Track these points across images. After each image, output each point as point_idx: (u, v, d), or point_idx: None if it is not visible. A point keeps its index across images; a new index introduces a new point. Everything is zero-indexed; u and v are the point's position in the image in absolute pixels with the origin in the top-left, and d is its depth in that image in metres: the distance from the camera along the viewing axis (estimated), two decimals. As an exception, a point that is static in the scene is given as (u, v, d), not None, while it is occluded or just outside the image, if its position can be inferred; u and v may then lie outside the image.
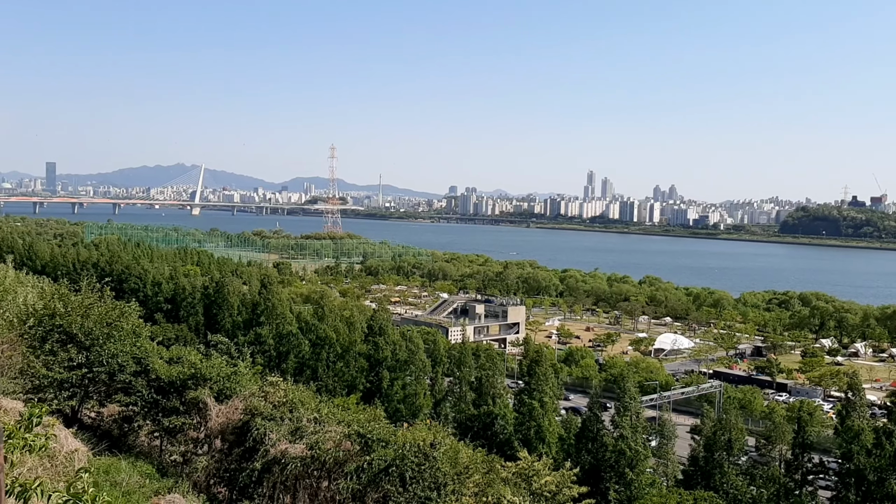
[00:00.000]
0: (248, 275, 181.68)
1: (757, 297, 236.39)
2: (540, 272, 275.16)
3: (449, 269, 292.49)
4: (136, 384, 28.83)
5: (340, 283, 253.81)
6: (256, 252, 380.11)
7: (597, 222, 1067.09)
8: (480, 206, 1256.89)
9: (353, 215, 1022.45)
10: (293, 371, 79.23)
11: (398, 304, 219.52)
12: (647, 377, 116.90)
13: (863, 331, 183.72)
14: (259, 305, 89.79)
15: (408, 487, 22.13)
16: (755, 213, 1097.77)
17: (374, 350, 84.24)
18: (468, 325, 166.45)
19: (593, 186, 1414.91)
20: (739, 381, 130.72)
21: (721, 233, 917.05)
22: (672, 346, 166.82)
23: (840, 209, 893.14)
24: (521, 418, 73.34)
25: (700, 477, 60.53)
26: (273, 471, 24.85)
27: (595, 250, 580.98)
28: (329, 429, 25.43)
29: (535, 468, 31.21)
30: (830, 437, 72.93)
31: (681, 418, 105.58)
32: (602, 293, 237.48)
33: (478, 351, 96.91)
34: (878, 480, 51.48)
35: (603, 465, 65.53)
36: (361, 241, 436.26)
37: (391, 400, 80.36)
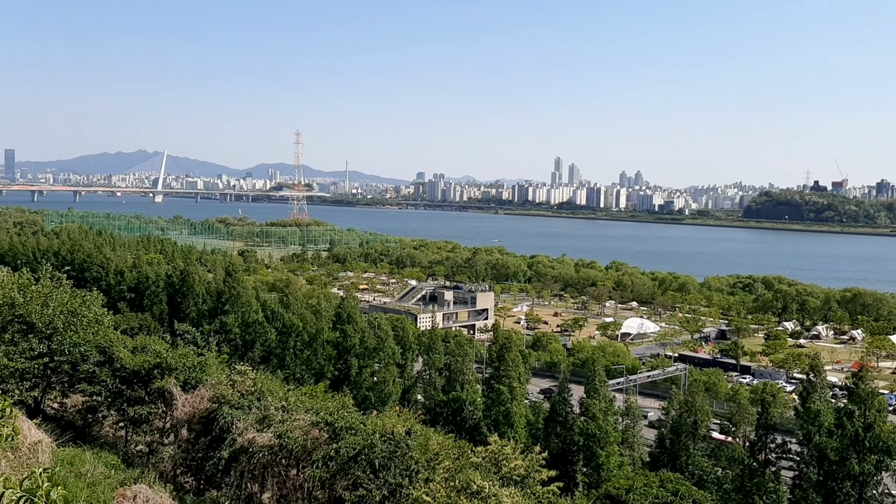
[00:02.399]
0: (212, 262, 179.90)
1: (721, 281, 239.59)
2: (508, 258, 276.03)
3: (417, 255, 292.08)
4: (100, 374, 28.37)
5: (307, 270, 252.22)
6: (221, 240, 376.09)
7: (564, 208, 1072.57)
8: (448, 192, 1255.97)
9: (320, 202, 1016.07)
10: (259, 360, 78.53)
11: (366, 291, 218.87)
12: (613, 361, 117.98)
13: (824, 313, 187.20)
14: (224, 294, 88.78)
15: (378, 474, 22.04)
16: (719, 198, 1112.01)
17: (342, 338, 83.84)
18: (437, 311, 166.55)
19: (561, 173, 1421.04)
20: (704, 364, 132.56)
21: (686, 218, 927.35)
22: (638, 331, 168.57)
23: (802, 194, 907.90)
24: (490, 403, 73.64)
25: (666, 458, 61.33)
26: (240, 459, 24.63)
27: (563, 236, 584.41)
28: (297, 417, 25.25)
29: (504, 453, 31.32)
30: (793, 419, 74.30)
31: (647, 401, 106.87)
32: (570, 279, 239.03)
33: (447, 337, 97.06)
34: (839, 460, 52.52)
35: (571, 449, 66.14)
36: (328, 228, 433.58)
37: (360, 388, 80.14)
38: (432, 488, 21.59)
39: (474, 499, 21.77)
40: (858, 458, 51.95)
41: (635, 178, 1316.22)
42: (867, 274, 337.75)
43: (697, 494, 48.05)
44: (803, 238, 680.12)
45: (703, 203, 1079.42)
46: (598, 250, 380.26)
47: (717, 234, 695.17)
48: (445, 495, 21.41)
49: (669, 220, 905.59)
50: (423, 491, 21.31)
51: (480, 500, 21.79)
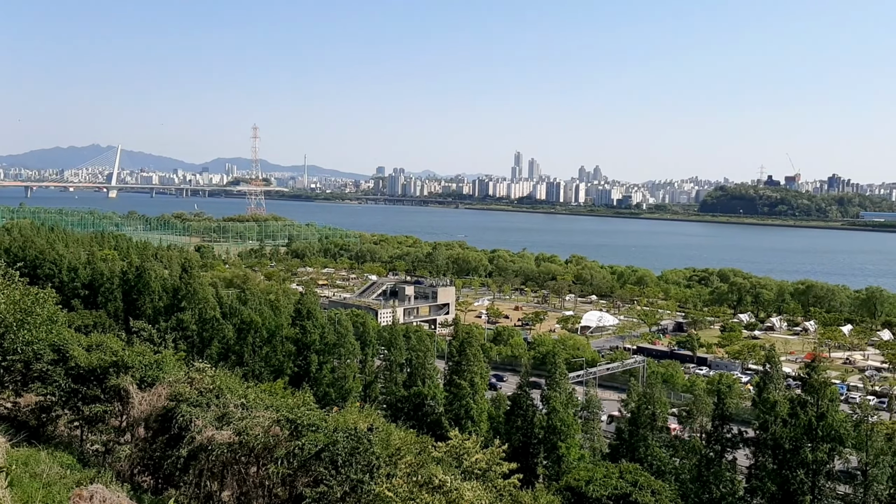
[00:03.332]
0: (168, 259, 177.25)
1: (678, 274, 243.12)
2: (469, 253, 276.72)
3: (378, 250, 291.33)
4: (54, 373, 27.81)
5: (265, 266, 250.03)
6: (177, 235, 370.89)
7: (524, 203, 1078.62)
8: (409, 187, 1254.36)
9: (278, 197, 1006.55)
10: (218, 357, 77.75)
11: (326, 286, 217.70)
12: (573, 354, 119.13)
13: (778, 305, 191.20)
14: (180, 290, 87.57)
15: (340, 471, 21.95)
16: (676, 192, 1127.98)
17: (301, 334, 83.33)
18: (398, 306, 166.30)
19: (520, 167, 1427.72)
20: (662, 356, 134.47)
21: (644, 212, 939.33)
22: (598, 324, 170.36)
23: (756, 188, 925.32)
24: (451, 398, 73.79)
25: (625, 450, 62.08)
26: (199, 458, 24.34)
27: (523, 230, 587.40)
28: (257, 414, 25.04)
29: (465, 447, 31.37)
30: (749, 409, 75.74)
31: (606, 393, 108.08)
32: (530, 273, 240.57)
33: (408, 332, 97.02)
34: (794, 449, 53.69)
35: (532, 442, 66.63)
36: (286, 223, 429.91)
37: (320, 384, 79.78)
38: (394, 484, 21.58)
39: (436, 493, 21.79)
40: (812, 446, 53.17)
41: (594, 173, 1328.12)
42: (819, 266, 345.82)
43: (656, 485, 48.75)
44: (757, 231, 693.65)
45: (660, 197, 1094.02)
46: (558, 244, 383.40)
47: (674, 228, 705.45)
48: (408, 490, 21.41)
49: (627, 215, 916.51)
50: (385, 486, 21.28)
51: (442, 495, 21.82)
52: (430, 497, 21.41)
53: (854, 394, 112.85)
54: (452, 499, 21.76)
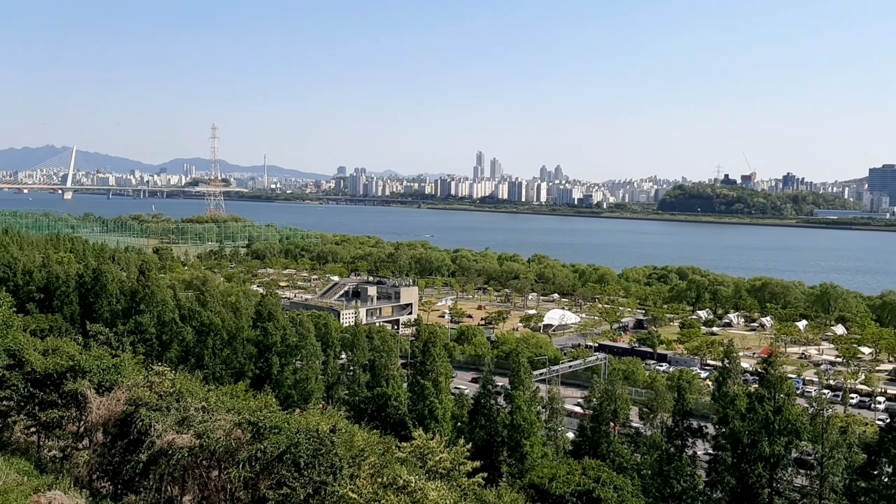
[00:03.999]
0: (126, 261, 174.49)
1: (638, 272, 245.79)
2: (432, 253, 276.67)
3: (339, 251, 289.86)
4: (10, 378, 27.26)
5: (225, 267, 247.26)
6: (135, 237, 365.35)
7: (487, 202, 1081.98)
8: (370, 186, 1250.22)
9: (237, 197, 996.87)
10: (177, 360, 76.77)
11: (287, 288, 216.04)
12: (536, 352, 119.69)
13: (735, 302, 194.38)
14: (138, 293, 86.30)
15: (303, 473, 21.82)
16: (636, 191, 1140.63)
17: (262, 336, 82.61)
18: (360, 307, 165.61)
19: (482, 167, 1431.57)
20: (623, 353, 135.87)
21: (604, 211, 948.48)
22: (560, 322, 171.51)
23: (713, 187, 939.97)
24: (415, 398, 73.70)
25: (588, 446, 62.59)
26: (160, 462, 24.03)
27: (485, 230, 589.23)
28: (218, 417, 24.79)
29: (429, 447, 31.42)
30: (708, 404, 76.91)
31: (569, 391, 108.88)
32: (493, 272, 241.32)
33: (370, 333, 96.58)
34: (752, 443, 54.63)
35: (496, 440, 66.84)
36: (246, 223, 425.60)
37: (282, 385, 79.18)
38: (359, 485, 21.52)
39: (401, 493, 21.77)
40: (769, 440, 54.16)
41: (555, 173, 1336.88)
42: (775, 263, 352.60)
43: (618, 480, 49.23)
44: (715, 229, 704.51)
45: (620, 196, 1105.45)
46: (520, 244, 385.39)
47: (634, 227, 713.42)
48: (372, 491, 21.36)
49: (588, 214, 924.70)
50: (349, 487, 21.20)
51: (407, 495, 21.81)
52: (394, 497, 21.39)
53: (810, 388, 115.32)
54: (417, 499, 21.77)
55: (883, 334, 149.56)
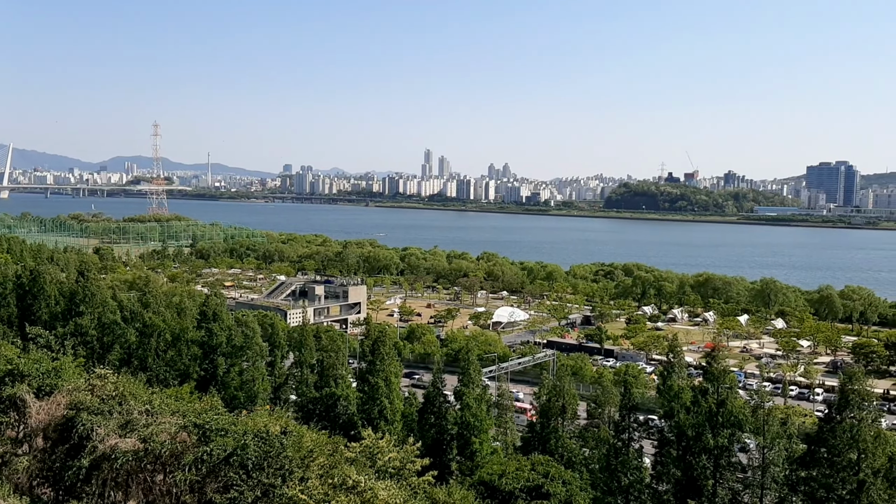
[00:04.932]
0: (65, 261, 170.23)
1: (585, 269, 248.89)
2: (380, 251, 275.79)
3: (286, 250, 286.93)
4: (-59, 384, 26.21)
5: (168, 267, 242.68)
6: (74, 237, 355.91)
7: (435, 200, 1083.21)
8: (317, 184, 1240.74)
9: (181, 196, 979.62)
10: (119, 362, 74.92)
11: (232, 288, 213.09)
12: (486, 350, 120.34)
13: (680, 297, 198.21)
14: (78, 294, 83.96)
15: (251, 475, 21.48)
16: (582, 189, 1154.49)
17: (207, 336, 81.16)
18: (308, 306, 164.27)
19: (431, 165, 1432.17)
20: (571, 350, 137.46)
21: (552, 209, 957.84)
22: (509, 319, 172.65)
23: (658, 185, 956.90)
24: (365, 398, 73.34)
25: (537, 442, 63.07)
26: (102, 467, 23.43)
27: (434, 228, 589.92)
28: (163, 420, 24.27)
29: (379, 446, 31.28)
30: (654, 398, 78.23)
31: (518, 387, 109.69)
32: (442, 270, 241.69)
33: (318, 333, 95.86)
34: (696, 436, 55.66)
35: (445, 438, 66.92)
36: (190, 222, 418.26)
37: (228, 387, 77.92)
38: (308, 486, 21.27)
39: (351, 494, 21.60)
40: (713, 432, 55.26)
41: (503, 171, 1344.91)
42: (717, 259, 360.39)
43: (567, 475, 49.76)
44: (659, 226, 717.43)
45: (567, 194, 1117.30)
46: (469, 242, 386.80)
47: (581, 224, 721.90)
48: (322, 492, 21.14)
49: (536, 212, 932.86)
50: (299, 489, 20.94)
51: (357, 495, 21.65)
52: (344, 498, 21.20)
53: (751, 381, 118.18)
54: (367, 498, 21.62)
55: (821, 328, 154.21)
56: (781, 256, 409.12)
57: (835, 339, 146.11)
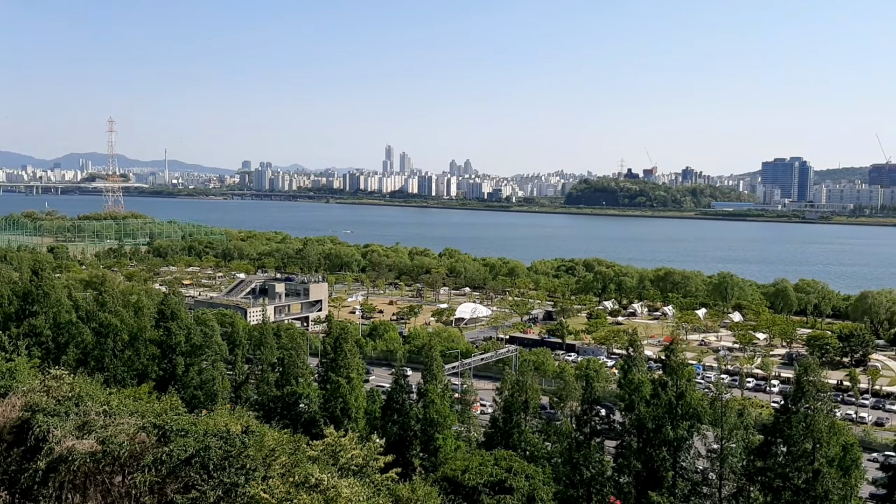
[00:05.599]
0: (18, 261, 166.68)
1: (547, 265, 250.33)
2: (342, 248, 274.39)
3: (245, 247, 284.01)
4: None
5: (125, 266, 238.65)
6: (27, 236, 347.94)
7: (397, 197, 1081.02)
8: (277, 181, 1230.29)
9: (137, 193, 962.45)
10: (76, 363, 73.68)
11: (191, 286, 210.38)
12: (449, 346, 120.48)
13: (639, 292, 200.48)
14: (32, 294, 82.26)
15: (213, 475, 21.24)
16: (543, 185, 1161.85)
17: (165, 336, 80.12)
18: (268, 304, 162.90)
19: (392, 161, 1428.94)
20: (533, 345, 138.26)
21: (513, 205, 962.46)
22: (472, 315, 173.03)
23: (617, 181, 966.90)
24: (327, 395, 73.02)
25: (500, 437, 63.38)
26: (59, 469, 23.00)
27: (396, 224, 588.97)
28: (121, 421, 23.90)
29: (341, 444, 31.17)
30: (615, 392, 79.06)
31: (481, 383, 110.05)
32: (404, 267, 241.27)
33: (279, 331, 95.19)
34: (656, 428, 56.47)
35: (409, 435, 66.92)
36: (147, 220, 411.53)
37: (188, 386, 77.05)
38: (270, 485, 21.10)
39: (313, 492, 21.48)
40: (672, 424, 56.08)
41: (465, 167, 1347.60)
42: (676, 254, 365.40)
43: (529, 469, 50.08)
44: (619, 222, 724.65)
45: (528, 191, 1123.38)
46: (431, 238, 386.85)
47: (543, 220, 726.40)
48: (284, 491, 20.99)
49: (498, 208, 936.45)
50: (261, 488, 20.76)
51: (320, 493, 21.53)
52: (307, 496, 21.08)
53: (709, 373, 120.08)
54: (330, 496, 21.52)
55: (776, 320, 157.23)
56: (738, 251, 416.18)
57: (790, 332, 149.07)
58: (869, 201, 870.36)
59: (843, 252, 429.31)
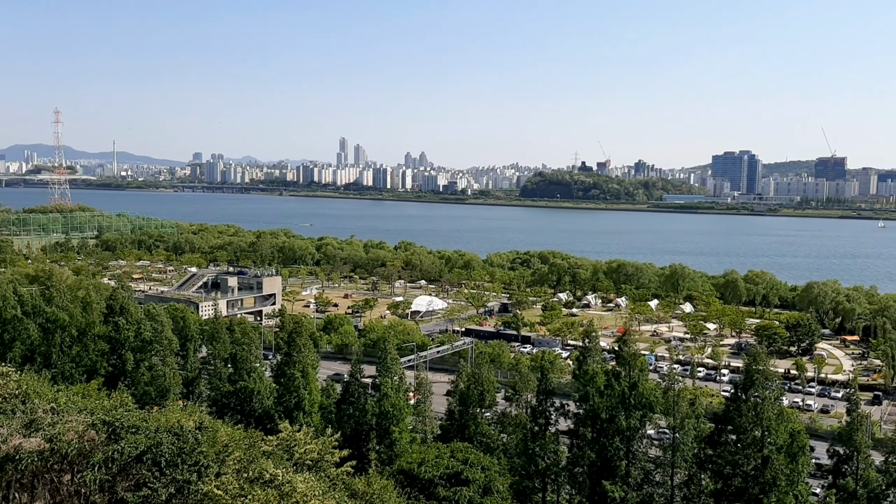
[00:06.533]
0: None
1: (502, 257, 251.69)
2: (295, 241, 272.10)
3: (197, 241, 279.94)
4: None
5: (73, 260, 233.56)
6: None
7: (351, 189, 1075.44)
8: (229, 173, 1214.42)
9: (85, 186, 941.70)
10: (22, 359, 71.81)
11: (141, 280, 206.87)
12: (404, 339, 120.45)
13: (593, 284, 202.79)
14: (-24, 289, 80.00)
15: (165, 472, 20.89)
16: (499, 178, 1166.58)
17: (114, 331, 78.53)
18: (220, 298, 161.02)
19: (346, 153, 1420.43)
20: (489, 337, 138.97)
21: (469, 198, 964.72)
22: (427, 308, 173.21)
23: (571, 174, 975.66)
24: (281, 390, 72.43)
25: (456, 430, 63.59)
26: (6, 469, 22.42)
27: (350, 217, 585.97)
28: (70, 419, 23.36)
29: (296, 438, 30.94)
30: (570, 383, 79.86)
31: (437, 376, 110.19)
32: (359, 260, 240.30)
33: (232, 325, 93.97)
34: (610, 418, 57.18)
35: (364, 429, 66.77)
36: (95, 213, 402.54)
37: (138, 383, 75.70)
38: (224, 481, 20.82)
39: (268, 487, 21.27)
40: (626, 414, 56.84)
41: (420, 159, 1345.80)
42: (628, 246, 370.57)
43: (486, 461, 50.31)
44: (574, 214, 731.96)
45: (484, 183, 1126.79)
46: (386, 231, 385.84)
47: (498, 213, 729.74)
48: (238, 487, 20.74)
49: (454, 200, 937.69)
50: (215, 485, 20.48)
51: (274, 489, 21.33)
52: (261, 492, 20.87)
53: (662, 363, 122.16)
54: (285, 492, 21.34)
55: (726, 311, 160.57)
56: (689, 243, 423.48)
57: (739, 322, 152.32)
58: (815, 194, 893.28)
59: (790, 244, 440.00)
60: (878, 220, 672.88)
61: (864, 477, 58.77)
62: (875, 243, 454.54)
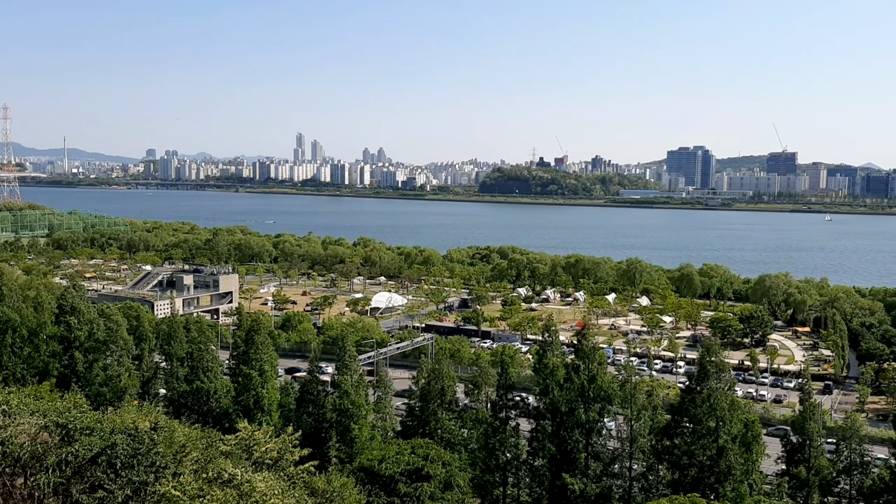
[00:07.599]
0: None
1: (462, 252, 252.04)
2: (252, 238, 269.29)
3: (151, 238, 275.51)
4: None
5: (23, 259, 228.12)
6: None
7: (308, 185, 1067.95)
8: (183, 170, 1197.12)
9: (35, 183, 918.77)
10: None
11: (94, 279, 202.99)
12: (364, 336, 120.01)
13: (552, 278, 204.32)
14: (-78, 290, 77.71)
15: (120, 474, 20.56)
16: (458, 174, 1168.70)
17: (66, 331, 76.91)
18: (176, 297, 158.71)
19: (303, 149, 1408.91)
20: (449, 333, 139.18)
21: (428, 194, 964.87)
22: (387, 304, 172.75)
23: (530, 170, 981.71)
24: (239, 388, 71.71)
25: (417, 426, 63.63)
26: (-47, 476, 21.84)
27: (308, 214, 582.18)
28: (22, 421, 22.89)
29: (255, 437, 30.74)
30: (530, 377, 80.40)
31: (398, 372, 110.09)
32: (317, 256, 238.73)
33: (188, 324, 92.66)
34: (569, 411, 57.75)
35: (324, 426, 66.46)
36: (46, 211, 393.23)
37: (92, 384, 74.26)
38: (182, 482, 20.57)
39: (227, 487, 21.08)
40: (585, 407, 57.47)
41: (378, 155, 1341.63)
42: (586, 241, 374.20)
43: (447, 457, 50.41)
44: (532, 210, 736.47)
45: (442, 179, 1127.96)
46: (344, 227, 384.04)
47: (457, 209, 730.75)
48: (197, 487, 20.51)
49: (413, 196, 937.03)
50: (172, 485, 20.22)
51: (233, 489, 21.16)
52: (220, 492, 20.68)
53: (619, 356, 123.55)
54: (244, 491, 21.18)
55: (682, 304, 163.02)
56: (645, 237, 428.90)
57: (694, 315, 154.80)
58: (767, 188, 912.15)
59: (744, 237, 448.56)
60: (826, 213, 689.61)
61: (815, 466, 60.37)
62: (821, 237, 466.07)
